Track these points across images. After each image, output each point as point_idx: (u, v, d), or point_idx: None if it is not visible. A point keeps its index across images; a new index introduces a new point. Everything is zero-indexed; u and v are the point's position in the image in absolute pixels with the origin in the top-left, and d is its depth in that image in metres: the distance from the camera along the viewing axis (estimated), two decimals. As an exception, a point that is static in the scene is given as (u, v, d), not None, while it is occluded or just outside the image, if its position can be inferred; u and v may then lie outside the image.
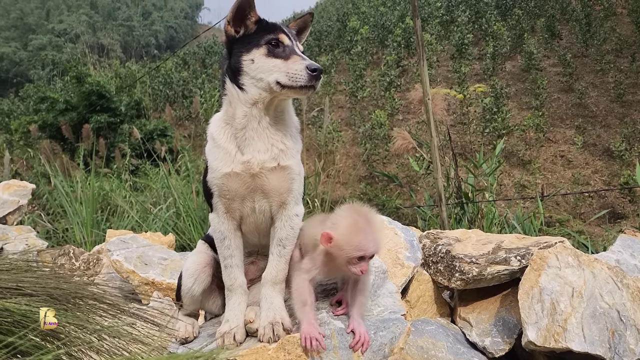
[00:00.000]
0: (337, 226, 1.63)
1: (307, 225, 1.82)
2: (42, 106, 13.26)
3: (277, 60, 1.67)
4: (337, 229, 1.63)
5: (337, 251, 1.62)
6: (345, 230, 1.62)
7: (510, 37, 16.69)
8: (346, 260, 1.62)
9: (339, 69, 17.57)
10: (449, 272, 2.35)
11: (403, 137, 5.87)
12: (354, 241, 1.60)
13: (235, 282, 1.80)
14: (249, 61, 1.71)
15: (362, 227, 1.62)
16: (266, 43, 1.69)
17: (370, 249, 1.63)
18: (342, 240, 1.61)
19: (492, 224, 5.03)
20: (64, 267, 3.11)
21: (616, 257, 2.50)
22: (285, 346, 1.59)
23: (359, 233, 1.61)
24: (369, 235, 1.62)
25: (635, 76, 13.70)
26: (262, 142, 1.74)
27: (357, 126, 13.51)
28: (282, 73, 1.65)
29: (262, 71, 1.69)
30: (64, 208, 6.00)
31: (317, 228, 1.69)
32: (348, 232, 1.61)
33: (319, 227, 1.69)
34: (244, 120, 1.74)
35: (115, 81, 16.67)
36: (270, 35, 1.70)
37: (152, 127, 12.69)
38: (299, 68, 1.64)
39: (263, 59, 1.69)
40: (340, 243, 1.61)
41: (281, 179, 1.75)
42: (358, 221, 1.63)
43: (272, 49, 1.69)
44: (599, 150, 11.99)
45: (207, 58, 21.91)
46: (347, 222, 1.63)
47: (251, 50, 1.70)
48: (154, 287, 3.00)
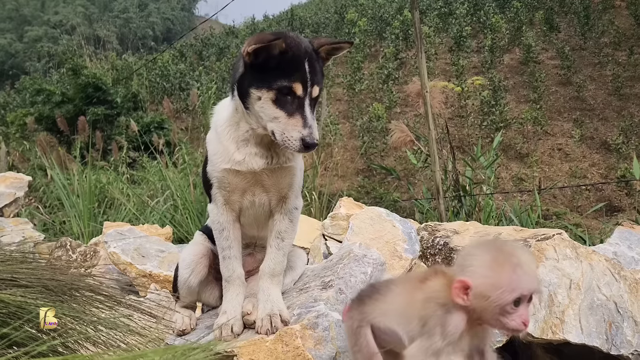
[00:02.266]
0: (473, 269, 1.23)
1: (398, 295, 1.35)
2: (38, 98, 13.20)
3: (280, 112, 1.56)
4: (473, 272, 1.22)
5: (481, 303, 1.20)
6: (487, 270, 1.22)
7: (508, 30, 16.64)
8: (497, 312, 1.21)
9: (336, 61, 17.50)
10: (447, 264, 2.35)
11: (401, 130, 5.86)
12: (504, 280, 1.20)
13: (233, 274, 1.79)
14: (256, 97, 1.60)
15: (508, 261, 1.23)
16: (277, 89, 1.56)
17: (530, 284, 1.22)
18: (488, 283, 1.20)
19: (490, 217, 5.04)
20: (60, 259, 3.10)
21: (614, 249, 2.50)
22: (283, 338, 1.58)
23: (507, 268, 1.21)
24: (522, 268, 1.22)
25: (633, 69, 13.69)
26: (264, 149, 1.73)
27: (355, 119, 13.48)
28: (279, 129, 1.56)
29: (265, 114, 1.59)
30: (60, 201, 5.99)
31: (419, 291, 1.29)
32: (492, 270, 1.22)
33: (418, 289, 1.30)
34: (246, 134, 1.71)
35: (111, 73, 16.60)
36: (285, 81, 1.55)
37: (149, 119, 12.63)
38: (295, 137, 1.54)
39: (269, 104, 1.58)
40: (484, 289, 1.20)
41: (282, 176, 1.75)
42: (498, 256, 1.24)
43: (281, 97, 1.56)
44: (597, 144, 12.00)
45: (204, 50, 21.80)
46: (485, 258, 1.24)
47: (261, 89, 1.58)
48: (152, 280, 2.99)
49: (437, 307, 1.24)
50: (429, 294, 1.26)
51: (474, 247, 1.32)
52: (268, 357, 1.56)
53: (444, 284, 1.27)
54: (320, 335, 1.59)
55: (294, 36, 1.64)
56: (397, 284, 1.37)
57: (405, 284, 1.35)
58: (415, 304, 1.28)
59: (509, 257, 1.23)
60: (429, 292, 1.27)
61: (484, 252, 1.26)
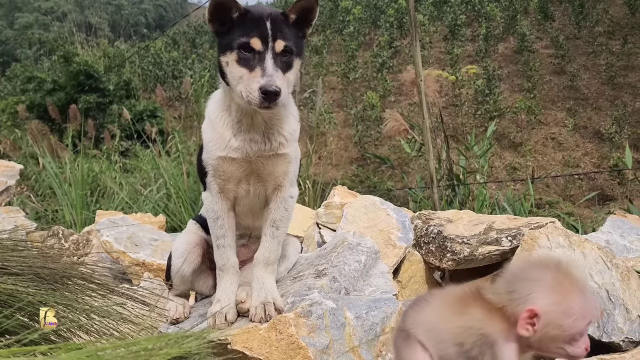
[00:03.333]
0: (536, 295, 1.11)
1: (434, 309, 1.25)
2: (30, 86, 13.07)
3: (244, 70, 1.57)
4: (537, 298, 1.10)
5: (550, 332, 1.10)
6: (555, 295, 1.10)
7: (503, 19, 16.60)
8: (566, 340, 1.11)
9: (330, 49, 17.41)
10: (441, 253, 2.36)
11: (395, 119, 5.84)
12: (575, 306, 1.09)
13: (227, 262, 1.79)
14: (225, 63, 1.62)
15: (574, 284, 1.12)
16: (238, 47, 1.58)
17: (595, 308, 1.14)
18: (559, 311, 1.09)
19: (483, 205, 5.06)
20: (52, 247, 3.09)
21: (606, 237, 2.52)
22: (277, 326, 1.58)
23: (575, 292, 1.11)
24: (588, 291, 1.13)
25: (626, 58, 13.71)
26: (258, 134, 1.71)
27: (349, 108, 13.45)
28: (244, 87, 1.56)
29: (233, 78, 1.60)
30: (53, 189, 5.95)
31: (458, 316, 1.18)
32: (561, 295, 1.10)
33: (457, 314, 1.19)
34: (238, 114, 1.71)
35: (103, 61, 16.42)
36: (243, 38, 1.57)
37: (142, 108, 12.55)
38: (254, 88, 1.52)
39: (234, 65, 1.59)
40: (555, 317, 1.09)
41: (278, 164, 1.74)
42: (562, 279, 1.12)
43: (242, 56, 1.57)
44: (590, 133, 12.05)
45: (197, 38, 21.61)
46: (548, 283, 1.12)
47: (226, 52, 1.61)
48: (145, 268, 2.99)
49: (479, 338, 1.14)
50: (471, 323, 1.16)
51: (526, 270, 1.18)
52: (262, 345, 1.56)
53: (487, 313, 1.16)
54: (314, 323, 1.59)
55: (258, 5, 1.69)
56: (437, 298, 1.28)
57: (444, 301, 1.26)
58: (451, 328, 1.19)
59: (573, 279, 1.13)
60: (470, 320, 1.17)
61: (543, 275, 1.14)
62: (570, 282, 1.12)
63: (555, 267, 1.15)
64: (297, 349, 1.53)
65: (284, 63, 1.60)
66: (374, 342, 1.66)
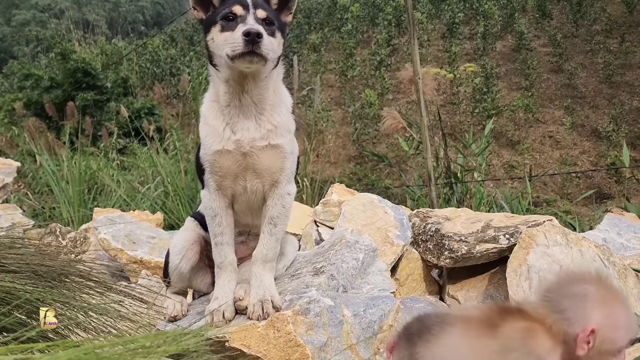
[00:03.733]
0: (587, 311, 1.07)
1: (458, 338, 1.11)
2: (27, 83, 13.05)
3: (227, 34, 1.62)
4: (590, 314, 1.06)
5: (604, 346, 1.06)
6: (606, 309, 1.07)
7: (501, 17, 16.60)
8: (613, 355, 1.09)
9: (329, 47, 17.39)
10: (438, 251, 2.36)
11: (393, 117, 5.84)
12: (622, 319, 1.07)
13: (225, 260, 1.79)
14: (210, 40, 1.68)
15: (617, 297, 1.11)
16: (221, 18, 1.63)
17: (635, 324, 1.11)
18: (610, 325, 1.06)
19: (481, 203, 5.06)
20: (50, 245, 3.08)
21: (603, 235, 2.52)
22: (274, 324, 1.58)
23: (620, 305, 1.09)
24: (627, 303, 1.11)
25: (624, 57, 13.73)
26: (249, 120, 1.72)
27: (347, 106, 13.44)
28: (229, 45, 1.59)
29: (218, 47, 1.65)
30: (50, 187, 5.93)
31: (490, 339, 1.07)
32: (610, 309, 1.07)
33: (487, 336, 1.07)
34: (226, 97, 1.72)
35: (101, 58, 16.38)
36: (226, 9, 1.63)
37: (139, 105, 12.52)
38: (237, 35, 1.57)
39: (218, 35, 1.65)
40: (608, 332, 1.06)
41: (273, 158, 1.73)
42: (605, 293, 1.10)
43: (225, 24, 1.63)
44: (587, 131, 12.07)
45: (195, 35, 21.54)
46: (596, 296, 1.08)
47: (211, 28, 1.67)
48: (143, 266, 2.98)
49: (522, 357, 1.04)
50: (509, 343, 1.05)
51: (568, 286, 1.12)
52: (260, 342, 1.56)
53: (527, 329, 1.07)
54: (312, 321, 1.59)
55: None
56: (454, 324, 1.13)
57: (467, 326, 1.12)
58: (486, 353, 1.06)
59: (615, 292, 1.11)
60: (507, 340, 1.05)
61: (588, 290, 1.09)
62: (614, 295, 1.10)
63: (596, 280, 1.12)
64: (295, 346, 1.54)
65: (267, 30, 1.62)
66: (372, 339, 1.66)
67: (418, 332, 1.16)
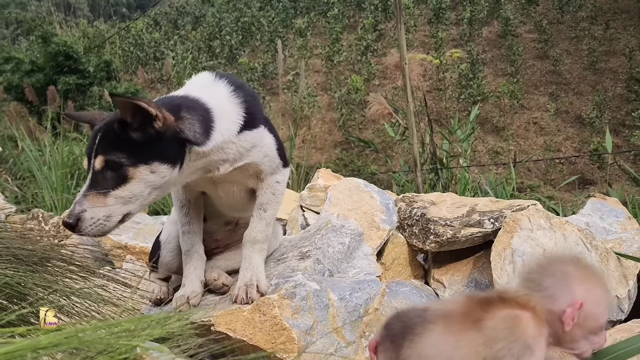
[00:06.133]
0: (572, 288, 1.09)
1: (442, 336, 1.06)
2: (7, 67, 12.78)
3: None
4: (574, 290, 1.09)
5: (588, 322, 1.09)
6: (589, 285, 1.10)
7: (487, 3, 16.61)
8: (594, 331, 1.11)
9: (315, 32, 17.27)
10: (424, 235, 2.37)
11: (379, 102, 5.84)
12: (601, 295, 1.11)
13: (191, 248, 1.77)
14: None
15: (597, 275, 1.14)
16: None
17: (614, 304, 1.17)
18: (593, 300, 1.09)
19: (466, 189, 5.10)
20: (32, 230, 3.04)
21: (586, 219, 2.55)
22: (260, 307, 1.58)
23: (599, 283, 1.13)
24: (603, 281, 1.15)
25: (608, 44, 13.85)
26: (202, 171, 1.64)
27: (333, 91, 13.40)
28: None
29: None
30: (32, 172, 5.84)
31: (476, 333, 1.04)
32: (593, 285, 1.11)
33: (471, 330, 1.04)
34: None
35: (83, 41, 16.08)
36: None
37: (123, 90, 12.34)
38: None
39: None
40: (591, 307, 1.09)
41: (243, 171, 1.66)
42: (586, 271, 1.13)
43: None
44: (571, 118, 12.19)
45: (179, 19, 21.25)
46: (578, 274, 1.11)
47: None
48: (127, 251, 2.96)
49: (509, 346, 1.02)
50: (493, 334, 1.02)
51: (548, 266, 1.13)
52: (245, 326, 1.55)
53: (510, 317, 1.05)
54: (298, 305, 1.59)
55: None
56: (437, 323, 1.09)
57: (449, 322, 1.08)
58: (472, 347, 1.03)
59: (593, 270, 1.13)
60: (491, 331, 1.03)
61: (568, 268, 1.11)
62: (592, 273, 1.12)
63: (574, 260, 1.14)
64: (280, 330, 1.54)
65: (110, 180, 1.37)
66: (358, 323, 1.67)
67: (401, 332, 1.12)
